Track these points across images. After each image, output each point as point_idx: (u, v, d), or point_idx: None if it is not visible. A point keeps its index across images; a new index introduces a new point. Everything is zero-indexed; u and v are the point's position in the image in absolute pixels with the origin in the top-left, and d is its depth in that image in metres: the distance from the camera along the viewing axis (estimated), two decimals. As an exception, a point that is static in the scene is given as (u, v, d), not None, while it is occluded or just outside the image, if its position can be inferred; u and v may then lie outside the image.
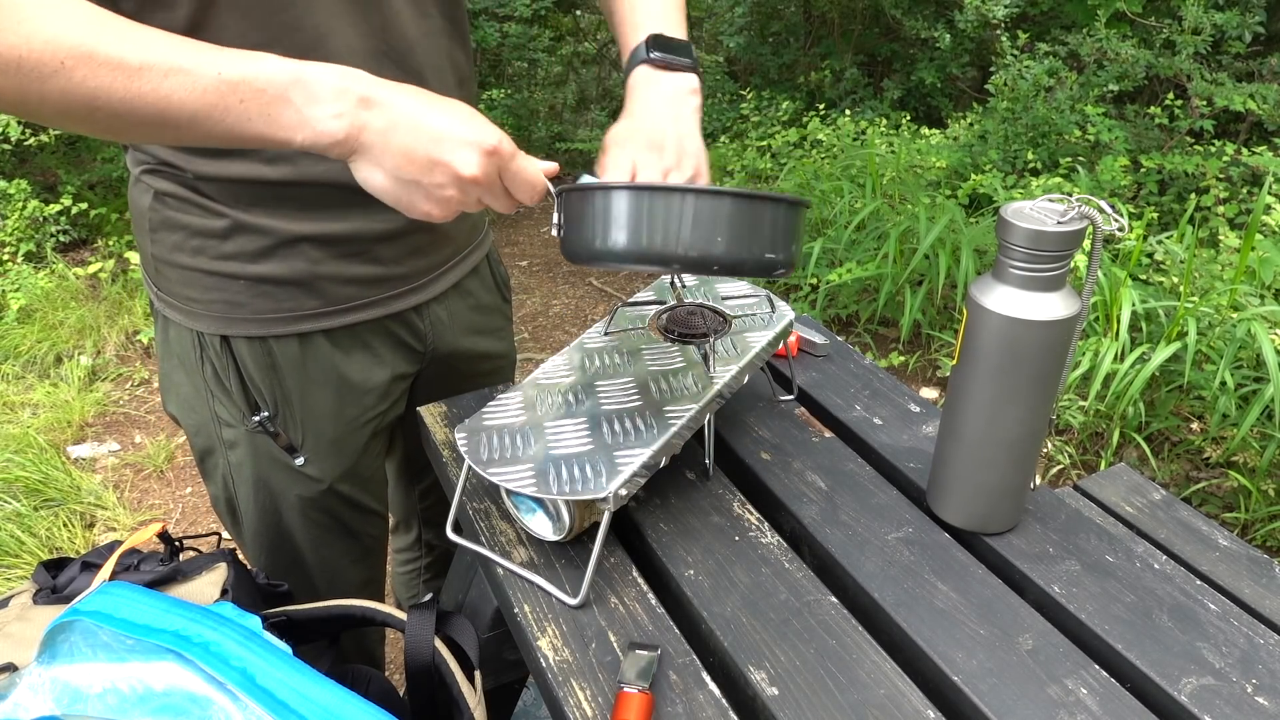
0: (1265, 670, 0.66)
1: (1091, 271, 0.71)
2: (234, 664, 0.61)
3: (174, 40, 0.61)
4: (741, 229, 0.64)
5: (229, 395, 0.88)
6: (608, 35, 6.22)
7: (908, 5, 4.05)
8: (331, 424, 0.92)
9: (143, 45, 0.60)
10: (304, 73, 0.62)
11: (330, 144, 0.63)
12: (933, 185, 3.15)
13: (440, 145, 0.63)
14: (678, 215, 0.63)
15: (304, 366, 0.88)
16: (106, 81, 0.59)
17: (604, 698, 0.64)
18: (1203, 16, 3.02)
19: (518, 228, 4.23)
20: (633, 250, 0.64)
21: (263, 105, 0.61)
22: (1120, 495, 0.90)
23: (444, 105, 0.65)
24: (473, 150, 0.63)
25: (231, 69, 0.61)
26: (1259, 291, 2.16)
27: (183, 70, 0.60)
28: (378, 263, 0.88)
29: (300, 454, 0.91)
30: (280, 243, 0.82)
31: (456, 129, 0.63)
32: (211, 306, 0.84)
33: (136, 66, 0.59)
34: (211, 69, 0.60)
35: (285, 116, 0.62)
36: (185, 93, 0.60)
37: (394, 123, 0.62)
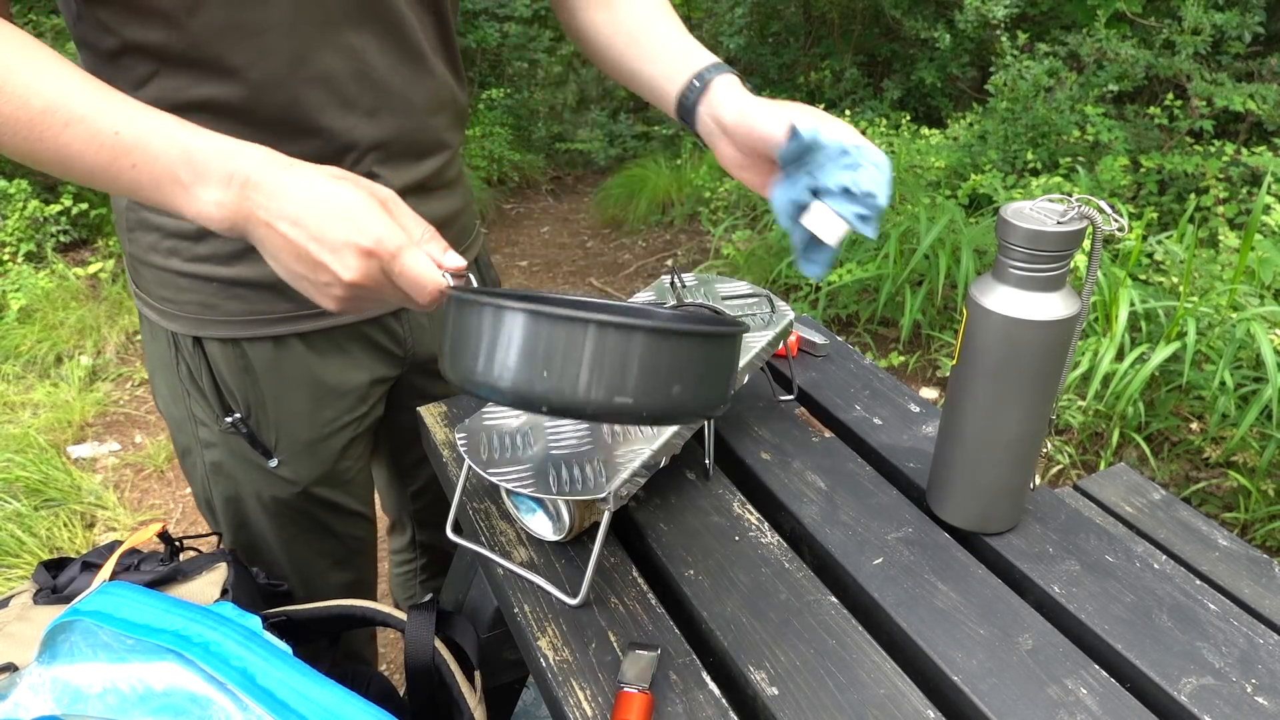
0: (1265, 670, 0.66)
1: (1091, 271, 0.71)
2: (234, 664, 0.61)
3: (85, 86, 0.60)
4: (657, 368, 0.51)
5: (203, 395, 0.87)
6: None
7: (908, 5, 4.05)
8: (306, 427, 0.91)
9: (53, 86, 0.58)
10: (193, 150, 0.59)
11: (217, 228, 0.60)
12: (932, 185, 3.15)
13: (320, 245, 0.58)
14: (578, 350, 0.49)
15: (278, 369, 0.88)
16: (9, 117, 0.58)
17: (604, 698, 0.64)
18: (1202, 16, 3.02)
19: (518, 228, 4.23)
20: (511, 390, 0.52)
21: (153, 175, 0.59)
22: (1120, 495, 0.90)
23: (331, 196, 0.58)
24: (349, 253, 0.57)
25: (129, 128, 0.59)
26: (1258, 291, 2.16)
27: (83, 121, 0.58)
28: None
29: (274, 456, 0.91)
30: (252, 246, 0.82)
31: (334, 228, 0.57)
32: (185, 307, 0.84)
33: (40, 109, 0.58)
34: (110, 125, 0.59)
35: (174, 191, 0.60)
36: (82, 145, 0.59)
37: (277, 216, 0.58)
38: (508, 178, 4.55)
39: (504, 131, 4.60)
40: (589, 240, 4.06)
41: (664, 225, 4.10)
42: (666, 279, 1.01)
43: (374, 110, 0.80)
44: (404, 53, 0.80)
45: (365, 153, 0.81)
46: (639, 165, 4.42)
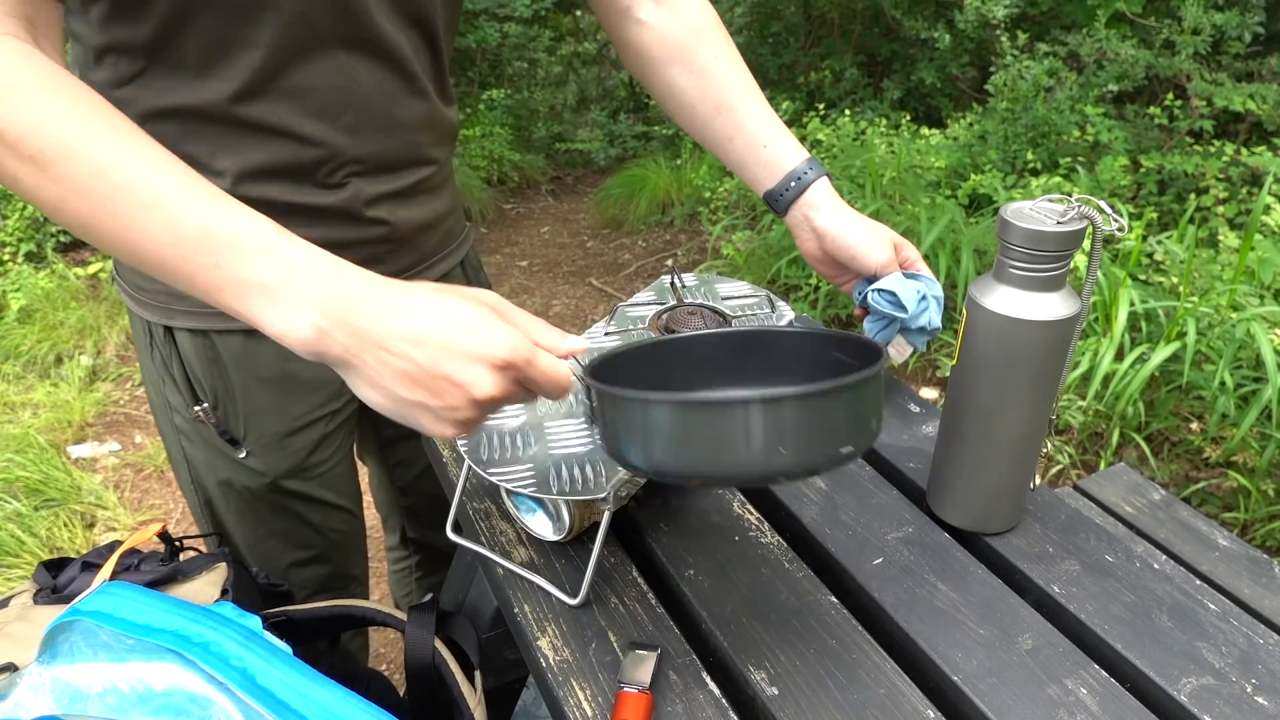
0: (1265, 670, 0.66)
1: (1091, 271, 0.71)
2: (234, 664, 0.61)
3: (172, 168, 0.55)
4: (811, 430, 0.52)
5: (175, 384, 0.88)
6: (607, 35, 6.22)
7: (908, 5, 4.05)
8: (275, 420, 0.91)
9: (137, 162, 0.55)
10: (292, 265, 0.54)
11: (300, 349, 0.55)
12: (932, 185, 3.15)
13: (449, 364, 0.53)
14: (729, 432, 0.51)
15: (248, 361, 0.87)
16: (82, 186, 0.54)
17: (604, 698, 0.64)
18: (1202, 17, 3.02)
19: (518, 228, 4.23)
20: (678, 470, 0.54)
21: (239, 281, 0.54)
22: (1120, 495, 0.90)
23: (449, 313, 0.55)
24: (483, 368, 0.53)
25: (220, 226, 0.54)
26: (1258, 291, 2.16)
27: (166, 206, 0.54)
28: None
29: (243, 447, 0.91)
30: None
31: (463, 345, 0.53)
32: (156, 296, 0.84)
33: (118, 183, 0.54)
34: (197, 218, 0.54)
35: (258, 303, 0.54)
36: (159, 232, 0.54)
37: (391, 338, 0.54)
38: (508, 178, 4.55)
39: (504, 131, 4.60)
40: (589, 240, 4.06)
41: (664, 225, 4.10)
42: (666, 279, 1.01)
43: (355, 127, 0.80)
44: (392, 74, 0.80)
45: (342, 165, 0.81)
46: (639, 165, 4.42)
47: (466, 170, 4.27)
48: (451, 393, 0.54)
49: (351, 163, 0.81)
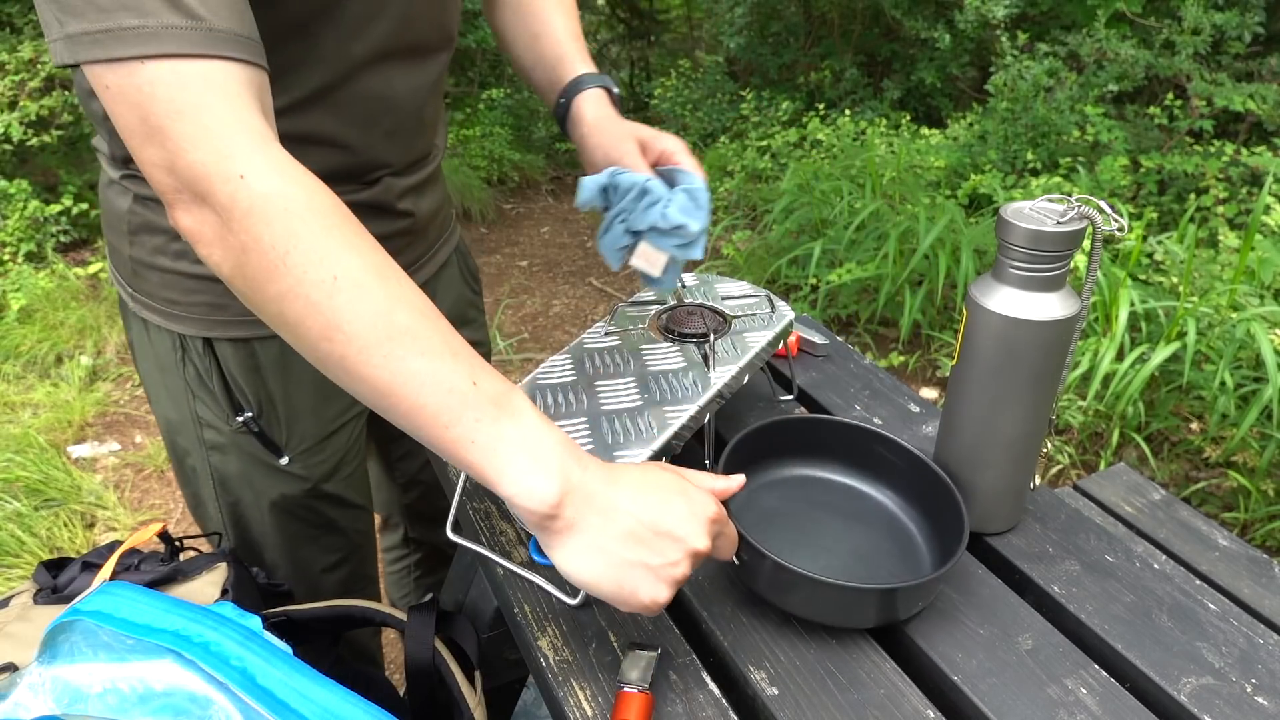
0: (1265, 670, 0.66)
1: (1091, 271, 0.71)
2: (234, 664, 0.61)
3: (448, 326, 0.57)
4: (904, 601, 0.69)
5: (213, 397, 0.87)
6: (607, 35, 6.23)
7: (908, 5, 4.05)
8: (314, 422, 0.92)
9: (419, 310, 0.55)
10: (540, 439, 0.56)
11: (526, 512, 0.56)
12: (932, 185, 3.15)
13: (667, 520, 0.57)
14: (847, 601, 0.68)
15: (285, 366, 0.88)
16: (365, 323, 0.53)
17: (604, 698, 0.64)
18: (1202, 16, 3.02)
19: (518, 228, 4.23)
20: (807, 615, 0.70)
21: (492, 440, 0.55)
22: (1120, 495, 0.90)
23: (662, 481, 0.60)
24: (699, 525, 0.58)
25: (489, 387, 0.55)
26: (1258, 292, 2.16)
27: (440, 358, 0.55)
28: None
29: (285, 453, 0.91)
30: None
31: (681, 506, 0.58)
32: (194, 309, 0.83)
33: (402, 327, 0.54)
34: (468, 375, 0.55)
35: (502, 465, 0.55)
36: (425, 381, 0.54)
37: (615, 502, 0.57)
38: (508, 178, 4.55)
39: (504, 131, 4.60)
40: (589, 240, 4.06)
41: (664, 225, 4.09)
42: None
43: (392, 132, 0.82)
44: (424, 79, 0.83)
45: (378, 167, 0.83)
46: (639, 165, 4.41)
47: (466, 170, 4.27)
48: (671, 549, 0.57)
49: (385, 165, 0.84)
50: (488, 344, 1.15)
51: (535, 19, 0.93)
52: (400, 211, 0.88)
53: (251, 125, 0.55)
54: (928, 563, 0.75)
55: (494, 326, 3.13)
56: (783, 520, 0.79)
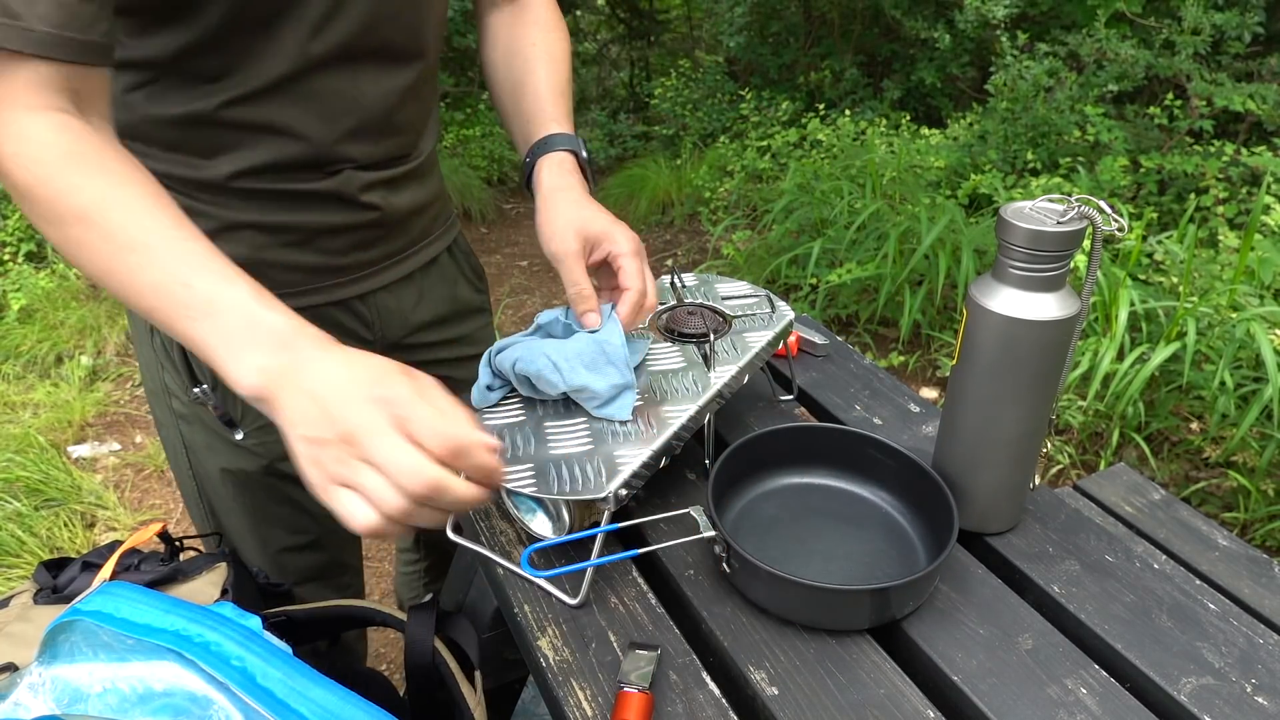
0: (1265, 670, 0.66)
1: (1091, 271, 0.71)
2: (234, 664, 0.61)
3: (170, 233, 0.62)
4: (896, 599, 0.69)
5: (175, 367, 0.90)
6: (607, 35, 6.23)
7: (908, 5, 4.05)
8: None
9: (139, 227, 0.62)
10: (257, 323, 0.60)
11: (247, 393, 0.59)
12: (932, 185, 3.15)
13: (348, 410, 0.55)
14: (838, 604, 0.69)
15: None
16: (96, 248, 0.62)
17: (604, 698, 0.64)
18: (1202, 17, 3.02)
19: (518, 228, 4.23)
20: (803, 620, 0.70)
21: (208, 334, 0.60)
22: (1120, 495, 0.90)
23: (365, 364, 0.59)
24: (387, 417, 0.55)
25: (201, 286, 0.61)
26: (1258, 291, 2.16)
27: (158, 268, 0.61)
28: (321, 253, 0.89)
29: (240, 429, 0.91)
30: (225, 226, 0.83)
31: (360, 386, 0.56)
32: None
33: (121, 245, 0.61)
34: (183, 278, 0.61)
35: (224, 354, 0.60)
36: (150, 288, 0.62)
37: (309, 382, 0.57)
38: (508, 178, 4.55)
39: (504, 132, 4.60)
40: (589, 240, 4.06)
41: (664, 225, 4.10)
42: (666, 279, 1.01)
43: (355, 131, 0.83)
44: (394, 83, 0.84)
45: (336, 160, 0.83)
46: (639, 165, 4.42)
47: (466, 170, 4.27)
48: (342, 449, 0.55)
49: (347, 160, 0.84)
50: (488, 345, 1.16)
51: (521, 67, 0.94)
52: (364, 204, 0.88)
53: (33, 103, 0.62)
54: (924, 562, 0.75)
55: (494, 327, 3.13)
56: (780, 528, 0.79)
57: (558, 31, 0.97)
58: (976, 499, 0.78)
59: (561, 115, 0.91)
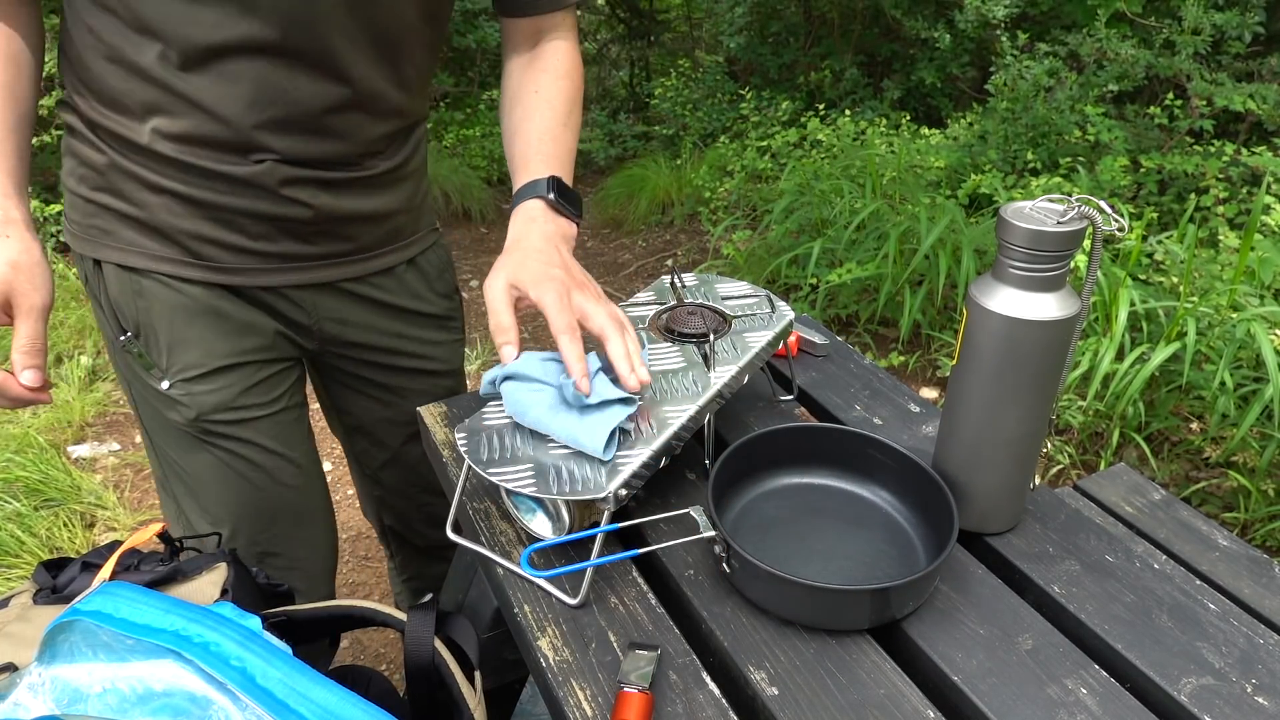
0: (1265, 670, 0.66)
1: (1091, 271, 0.71)
2: (234, 664, 0.61)
3: None
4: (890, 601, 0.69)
5: (105, 315, 0.93)
6: (607, 35, 6.22)
7: (908, 5, 4.05)
8: (199, 353, 0.93)
9: None
10: None
11: None
12: (933, 185, 3.15)
13: None
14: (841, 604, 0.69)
15: (176, 300, 0.91)
16: None
17: (604, 698, 0.64)
18: (1202, 16, 3.02)
19: (518, 228, 4.23)
20: (803, 620, 0.71)
21: None
22: (1120, 495, 0.90)
23: None
24: None
25: None
26: (1258, 291, 2.15)
27: None
28: (247, 235, 0.90)
29: (166, 378, 0.93)
30: (150, 188, 0.86)
31: None
32: (88, 230, 0.90)
33: None
34: None
35: None
36: None
37: None
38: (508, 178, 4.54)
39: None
40: (589, 240, 4.06)
41: (664, 225, 4.09)
42: (666, 279, 1.01)
43: (282, 124, 0.84)
44: (339, 91, 0.84)
45: (257, 149, 0.85)
46: (639, 165, 4.42)
47: (466, 170, 4.27)
48: None
49: (268, 150, 0.85)
50: (451, 361, 1.13)
51: (520, 114, 0.95)
52: (287, 198, 0.88)
53: None
54: (924, 562, 0.75)
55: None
56: (780, 529, 0.79)
57: (567, 80, 0.97)
58: (976, 499, 0.78)
59: (544, 158, 0.91)
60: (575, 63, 0.99)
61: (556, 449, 0.75)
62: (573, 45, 0.99)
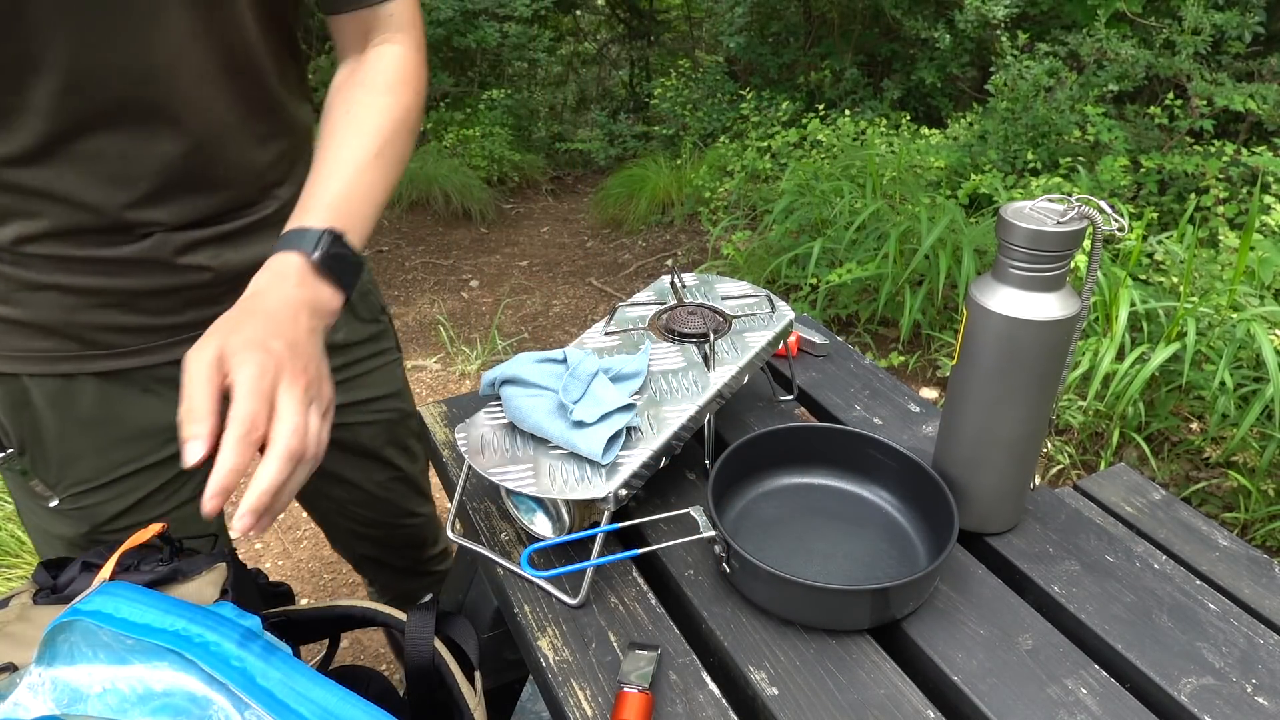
0: (1265, 670, 0.66)
1: (1091, 271, 0.71)
2: (234, 664, 0.61)
3: None
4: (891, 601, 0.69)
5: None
6: (608, 35, 6.23)
7: (908, 5, 4.05)
8: (93, 466, 0.85)
9: None
10: None
11: None
12: (933, 185, 3.15)
13: None
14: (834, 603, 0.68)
15: (66, 407, 0.82)
16: None
17: (604, 698, 0.64)
18: (1202, 16, 3.02)
19: (518, 228, 4.23)
20: (803, 620, 0.71)
21: None
22: (1120, 495, 0.90)
23: None
24: None
25: None
26: (1258, 291, 2.16)
27: None
28: (147, 313, 0.82)
29: (55, 495, 0.85)
30: (26, 287, 0.77)
31: None
32: None
33: None
34: None
35: None
36: None
37: None
38: (508, 178, 4.55)
39: (504, 131, 4.60)
40: (589, 240, 4.06)
41: (664, 225, 4.09)
42: (666, 279, 1.01)
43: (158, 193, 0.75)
44: (211, 135, 0.76)
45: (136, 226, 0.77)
46: (639, 165, 4.42)
47: (466, 170, 4.27)
48: None
49: (151, 224, 0.77)
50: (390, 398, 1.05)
51: (326, 133, 0.78)
52: (185, 266, 0.80)
53: None
54: (924, 562, 0.75)
55: (494, 326, 3.13)
56: (780, 529, 0.79)
57: (390, 95, 0.79)
58: (976, 499, 0.78)
59: (329, 203, 0.72)
60: (409, 70, 0.81)
61: (556, 449, 0.75)
62: (410, 49, 0.82)
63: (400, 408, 1.07)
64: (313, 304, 0.67)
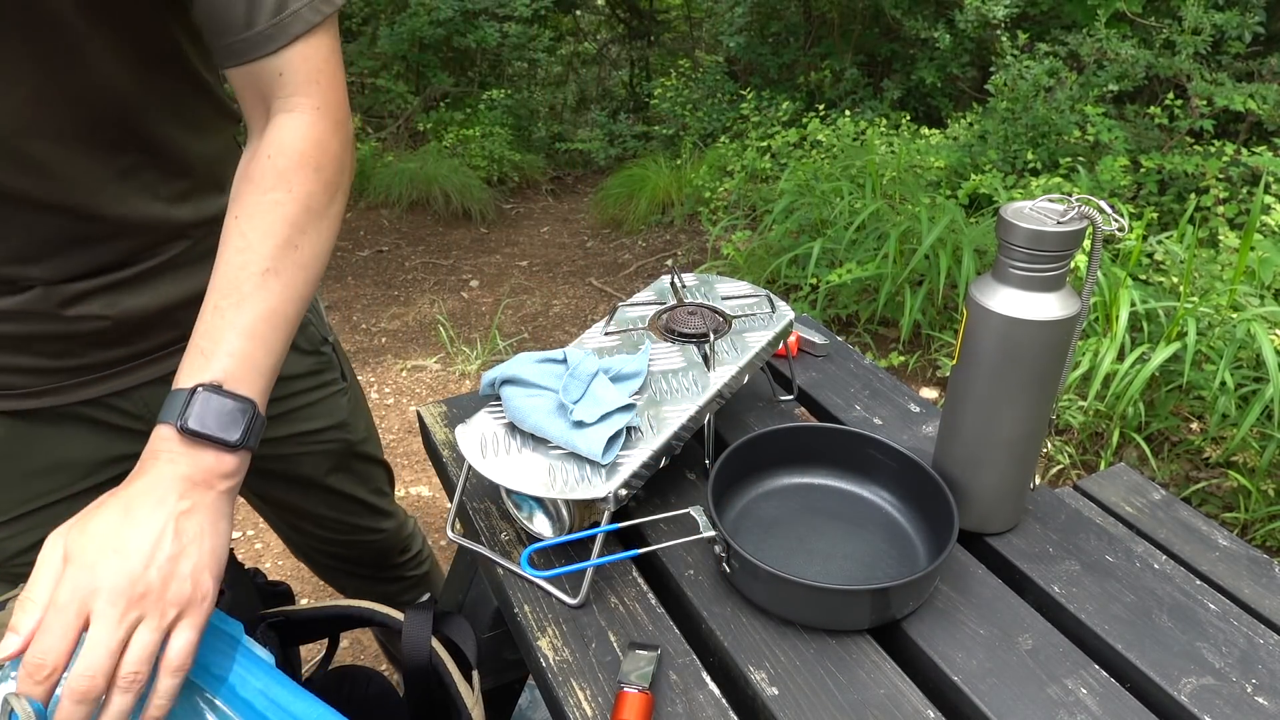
0: (1265, 670, 0.66)
1: (1091, 271, 0.71)
2: (215, 673, 0.61)
3: None
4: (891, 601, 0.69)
5: None
6: (608, 35, 6.23)
7: (908, 5, 4.05)
8: (6, 502, 0.83)
9: None
10: None
11: None
12: (933, 185, 3.15)
13: None
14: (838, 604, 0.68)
15: None
16: None
17: (604, 698, 0.64)
18: (1203, 16, 3.02)
19: (518, 228, 4.23)
20: (804, 620, 0.70)
21: None
22: (1120, 495, 0.90)
23: None
24: None
25: None
26: (1259, 291, 2.15)
27: None
28: (43, 356, 0.78)
29: None
30: None
31: None
32: None
33: None
34: None
35: None
36: None
37: None
38: (508, 178, 4.55)
39: (504, 132, 4.60)
40: (589, 240, 4.06)
41: (664, 225, 4.09)
42: (666, 279, 1.01)
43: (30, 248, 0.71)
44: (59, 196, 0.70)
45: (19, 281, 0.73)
46: (639, 165, 4.42)
47: (466, 170, 4.27)
48: None
49: (28, 279, 0.73)
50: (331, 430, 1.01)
51: (221, 241, 0.66)
52: (75, 317, 0.75)
53: None
54: (924, 562, 0.75)
55: (494, 326, 3.13)
56: (780, 529, 0.79)
57: (282, 189, 0.66)
58: (976, 499, 0.78)
59: (209, 344, 0.62)
60: (307, 149, 0.67)
61: (556, 449, 0.75)
62: (312, 115, 0.67)
63: (344, 438, 1.03)
64: (189, 478, 0.59)
